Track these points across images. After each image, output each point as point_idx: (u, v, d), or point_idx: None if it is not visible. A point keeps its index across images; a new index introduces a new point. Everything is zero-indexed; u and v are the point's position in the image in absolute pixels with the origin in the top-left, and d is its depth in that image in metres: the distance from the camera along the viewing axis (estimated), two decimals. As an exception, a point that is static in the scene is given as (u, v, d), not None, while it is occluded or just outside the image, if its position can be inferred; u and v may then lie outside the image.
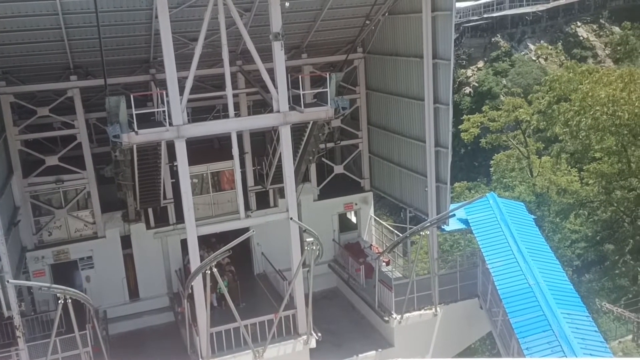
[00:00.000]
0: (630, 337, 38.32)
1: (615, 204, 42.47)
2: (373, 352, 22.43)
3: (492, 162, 52.50)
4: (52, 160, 22.56)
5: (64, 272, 23.29)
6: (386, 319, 22.66)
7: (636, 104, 36.28)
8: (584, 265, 46.29)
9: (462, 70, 68.20)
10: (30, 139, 22.93)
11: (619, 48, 66.48)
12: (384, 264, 26.02)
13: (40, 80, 21.70)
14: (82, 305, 19.40)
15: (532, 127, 51.61)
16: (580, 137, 40.13)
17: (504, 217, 24.03)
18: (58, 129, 23.42)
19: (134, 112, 17.91)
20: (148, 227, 24.45)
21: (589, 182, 44.07)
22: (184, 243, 22.14)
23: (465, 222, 24.20)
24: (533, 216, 26.95)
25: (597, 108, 37.33)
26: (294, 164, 20.99)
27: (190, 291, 19.60)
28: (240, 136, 22.76)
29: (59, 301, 17.22)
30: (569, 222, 45.75)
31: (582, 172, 46.10)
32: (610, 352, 22.92)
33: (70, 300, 17.37)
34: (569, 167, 48.42)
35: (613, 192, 41.98)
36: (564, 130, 41.95)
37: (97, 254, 23.80)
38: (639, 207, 42.00)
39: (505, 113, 51.37)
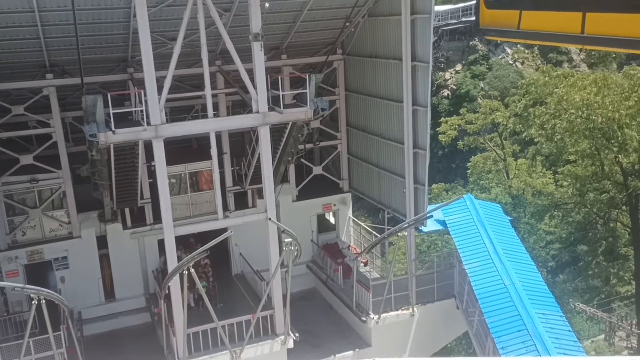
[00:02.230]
0: (602, 336, 39.04)
1: (589, 206, 43.16)
2: (350, 352, 22.51)
3: (469, 164, 52.94)
4: (26, 159, 22.20)
5: (38, 273, 22.96)
6: (364, 319, 22.76)
7: (609, 108, 36.85)
8: (558, 266, 46.96)
9: (441, 73, 68.60)
10: (5, 137, 22.55)
11: (593, 53, 67.48)
12: (362, 264, 26.09)
13: (16, 78, 21.36)
14: (56, 306, 19.15)
15: (508, 130, 52.06)
16: (555, 140, 40.61)
17: (481, 219, 24.27)
18: (33, 127, 23.08)
19: (111, 111, 17.69)
20: (125, 227, 24.23)
21: (564, 184, 44.69)
22: (161, 243, 21.98)
23: (442, 223, 24.40)
24: (509, 217, 27.27)
25: (572, 111, 37.80)
26: (272, 164, 20.98)
27: (167, 292, 19.47)
28: (219, 136, 22.69)
29: (33, 302, 16.96)
30: (543, 224, 46.36)
31: (556, 175, 46.71)
32: (583, 351, 23.38)
33: (44, 301, 17.11)
34: (544, 169, 49.03)
35: (587, 194, 42.62)
36: (540, 133, 42.44)
37: (72, 254, 23.51)
38: (611, 209, 42.78)
39: (483, 116, 51.80)
